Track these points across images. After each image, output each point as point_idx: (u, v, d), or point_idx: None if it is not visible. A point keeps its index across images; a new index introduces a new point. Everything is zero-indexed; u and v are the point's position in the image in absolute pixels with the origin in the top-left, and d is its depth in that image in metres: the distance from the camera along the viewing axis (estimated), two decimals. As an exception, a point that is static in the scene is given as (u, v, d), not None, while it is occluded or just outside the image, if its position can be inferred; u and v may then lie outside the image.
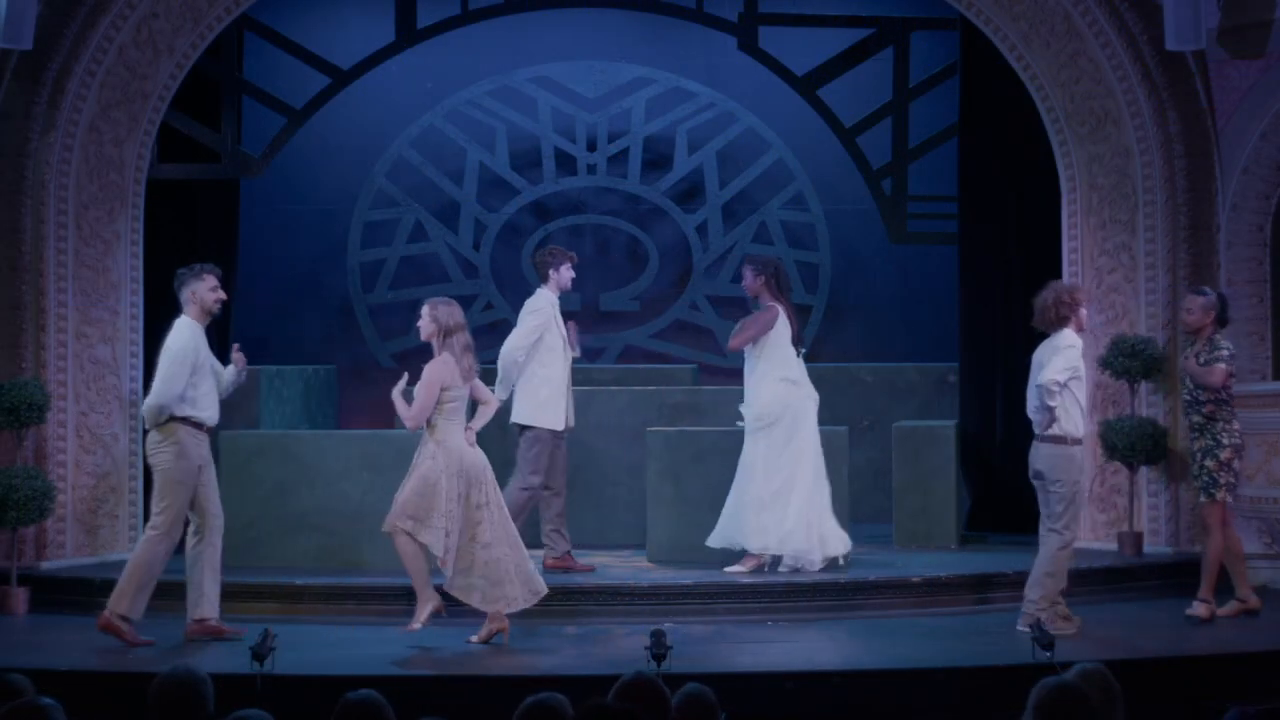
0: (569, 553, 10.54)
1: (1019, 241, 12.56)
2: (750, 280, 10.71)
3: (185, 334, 9.06)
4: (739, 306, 15.05)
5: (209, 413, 9.11)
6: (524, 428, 10.45)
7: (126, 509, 11.29)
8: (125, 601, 8.90)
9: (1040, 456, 9.23)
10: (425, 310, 9.15)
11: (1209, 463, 9.58)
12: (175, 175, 12.48)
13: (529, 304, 10.61)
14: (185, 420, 8.97)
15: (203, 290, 9.11)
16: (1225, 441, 9.58)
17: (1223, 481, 9.58)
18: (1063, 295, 9.38)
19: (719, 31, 13.21)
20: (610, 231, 15.09)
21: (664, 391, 12.38)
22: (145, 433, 9.19)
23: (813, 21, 13.60)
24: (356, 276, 14.82)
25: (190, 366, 8.99)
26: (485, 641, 8.85)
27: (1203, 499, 9.68)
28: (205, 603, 9.04)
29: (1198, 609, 9.56)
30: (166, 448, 8.95)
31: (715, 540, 10.39)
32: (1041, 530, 9.26)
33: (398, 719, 4.73)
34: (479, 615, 8.91)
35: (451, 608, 8.92)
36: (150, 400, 9.03)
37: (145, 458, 9.25)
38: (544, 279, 10.67)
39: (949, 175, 13.11)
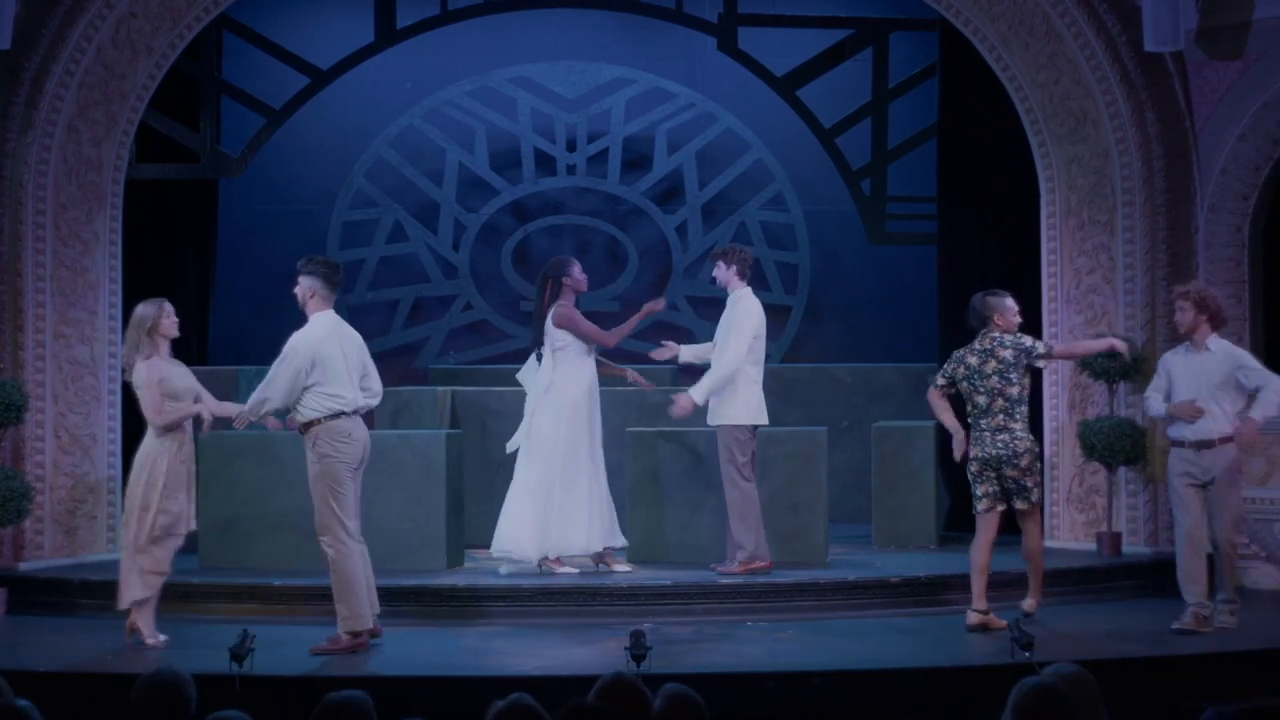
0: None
1: (998, 242, 12.58)
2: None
3: None
4: (718, 306, 15.05)
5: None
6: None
7: (105, 510, 11.25)
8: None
9: None
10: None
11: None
12: (154, 175, 12.47)
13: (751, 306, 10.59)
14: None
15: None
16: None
17: None
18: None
19: (698, 32, 13.22)
20: (590, 232, 15.08)
21: (644, 392, 12.35)
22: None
23: (792, 22, 13.63)
24: (336, 277, 14.78)
25: None
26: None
27: (1026, 506, 9.16)
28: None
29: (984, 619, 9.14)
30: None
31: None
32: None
33: (378, 720, 4.73)
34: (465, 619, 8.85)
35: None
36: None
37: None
38: (743, 277, 10.67)
39: (928, 176, 13.13)
